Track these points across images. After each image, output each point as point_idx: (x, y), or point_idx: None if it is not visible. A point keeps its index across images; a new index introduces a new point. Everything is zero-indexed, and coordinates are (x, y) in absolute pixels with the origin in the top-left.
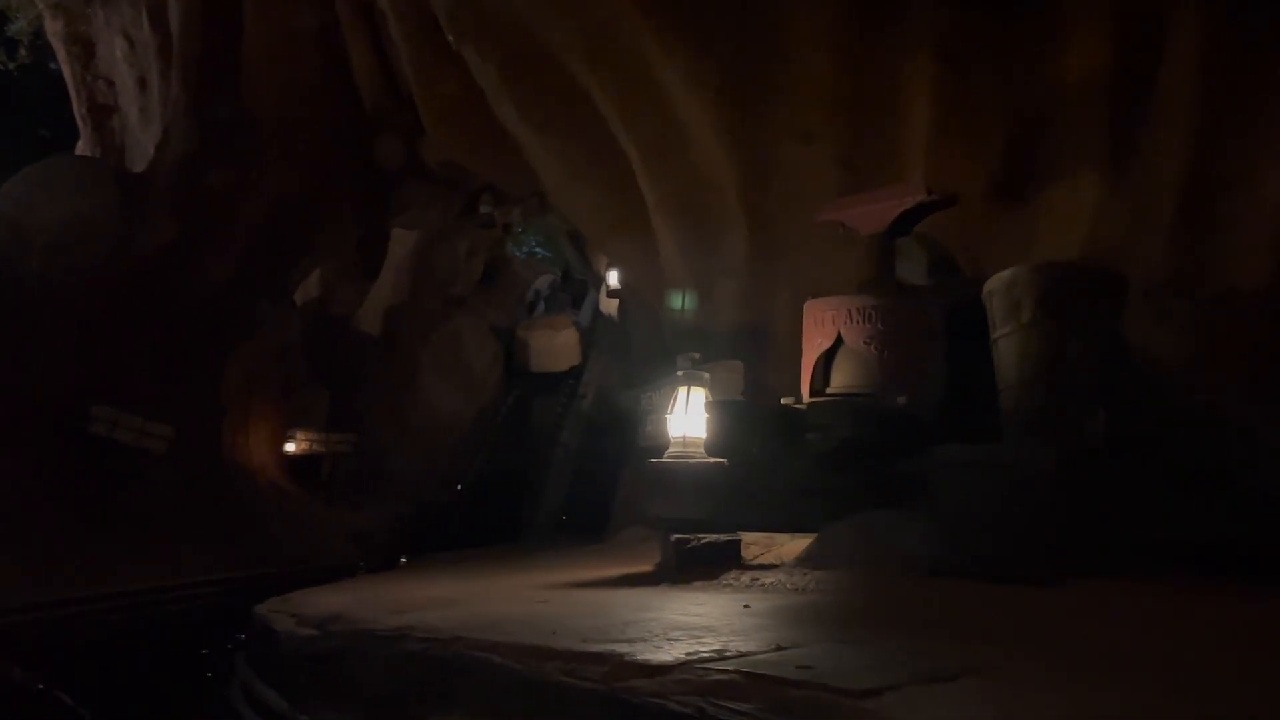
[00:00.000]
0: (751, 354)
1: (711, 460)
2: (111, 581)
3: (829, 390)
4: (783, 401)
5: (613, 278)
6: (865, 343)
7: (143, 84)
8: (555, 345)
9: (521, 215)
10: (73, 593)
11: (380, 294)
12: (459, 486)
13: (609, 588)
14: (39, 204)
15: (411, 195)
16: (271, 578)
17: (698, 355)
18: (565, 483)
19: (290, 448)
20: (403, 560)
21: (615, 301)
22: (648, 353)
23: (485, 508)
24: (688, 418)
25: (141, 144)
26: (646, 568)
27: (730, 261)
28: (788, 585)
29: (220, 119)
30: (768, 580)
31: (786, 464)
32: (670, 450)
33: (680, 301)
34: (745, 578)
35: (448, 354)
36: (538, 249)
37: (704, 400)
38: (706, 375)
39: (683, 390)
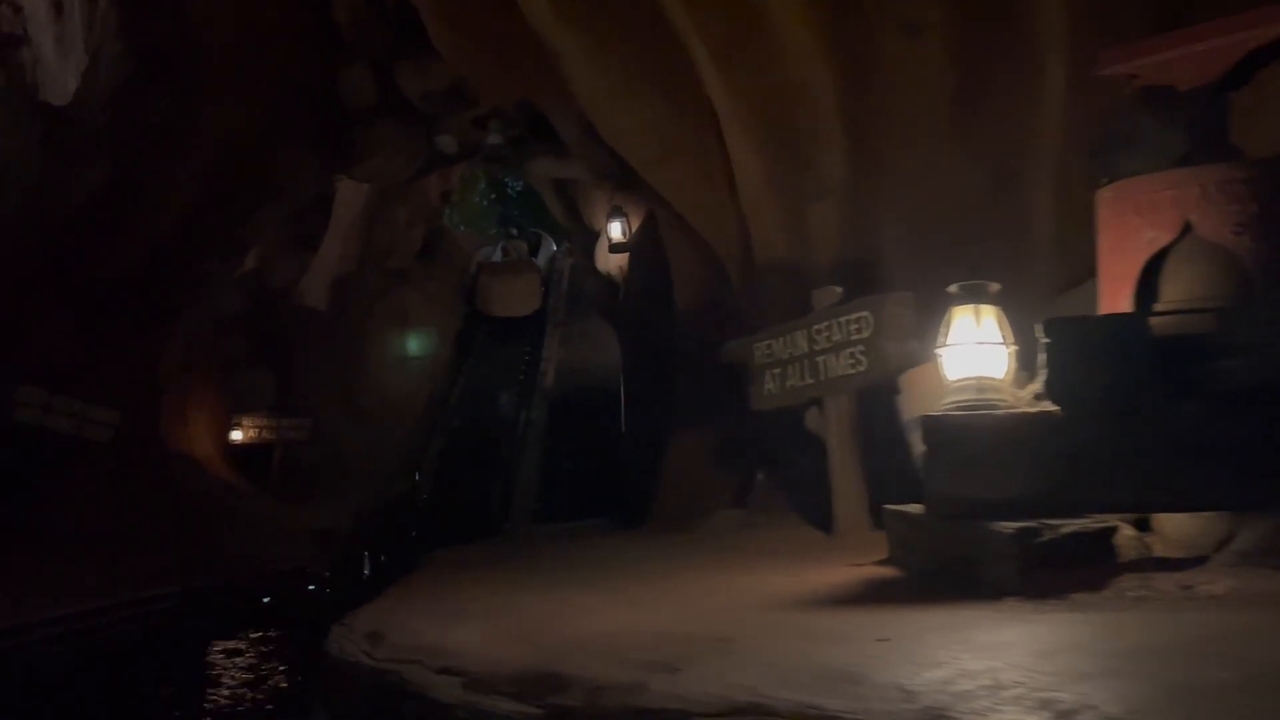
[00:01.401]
0: (856, 295)
1: (1034, 410)
2: (34, 605)
3: (1158, 308)
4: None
5: (615, 229)
6: (1234, 231)
7: (58, 7)
8: (517, 289)
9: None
10: None
11: (325, 263)
12: (416, 475)
13: (904, 608)
14: None
15: (380, 137)
16: (232, 589)
17: (839, 290)
18: (537, 465)
19: (237, 435)
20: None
21: (619, 258)
22: (712, 300)
23: (450, 497)
24: (979, 349)
25: (59, 78)
26: (884, 570)
27: (826, 183)
28: (1244, 596)
29: (159, 43)
30: (1204, 587)
31: (1164, 410)
32: (955, 399)
33: None
34: (1155, 584)
35: (394, 330)
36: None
37: (996, 323)
38: (996, 287)
39: (965, 312)
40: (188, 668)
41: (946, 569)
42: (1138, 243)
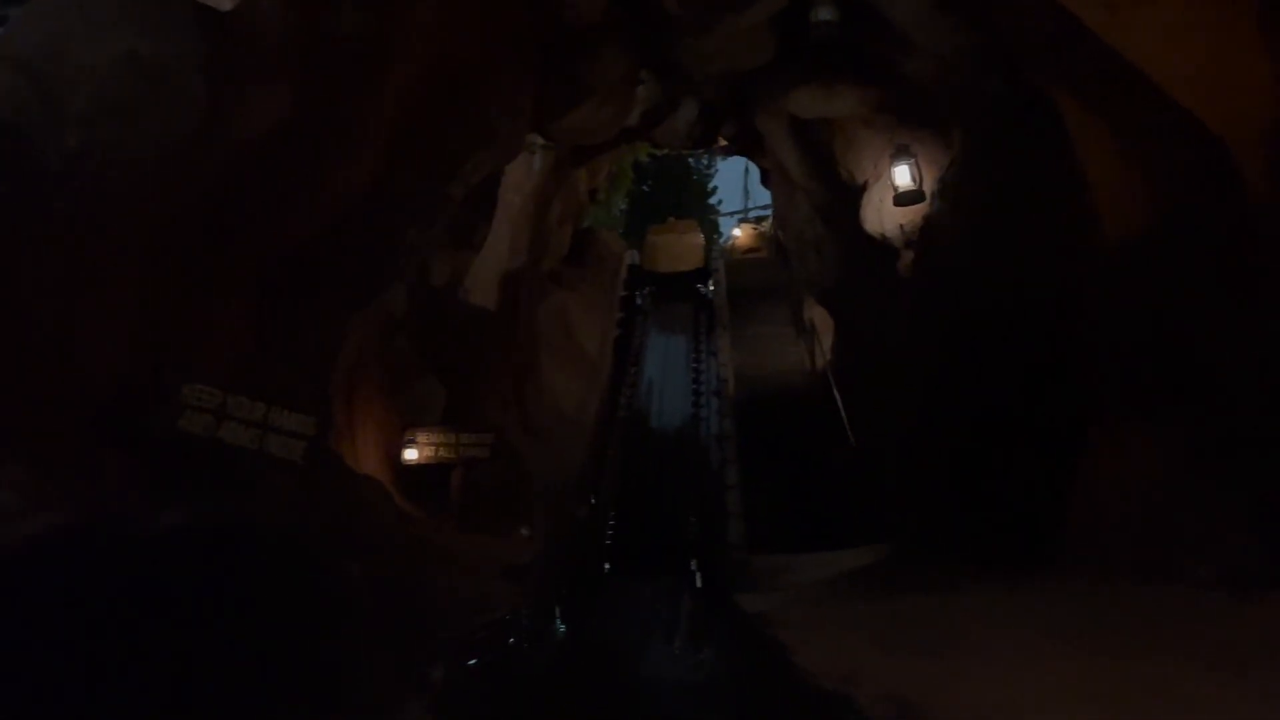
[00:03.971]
0: None
1: None
2: None
3: None
4: None
5: (902, 175)
6: None
7: None
8: (684, 244)
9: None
10: None
11: (493, 257)
12: (592, 499)
13: None
14: (75, 43)
15: (602, 69)
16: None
17: None
18: (737, 485)
19: (411, 454)
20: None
21: (903, 213)
22: (1184, 222)
23: (638, 524)
24: None
25: None
26: None
27: None
28: None
29: None
30: None
31: None
32: None
33: None
34: None
35: (559, 334)
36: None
37: None
38: None
39: None
40: None
41: None
42: None
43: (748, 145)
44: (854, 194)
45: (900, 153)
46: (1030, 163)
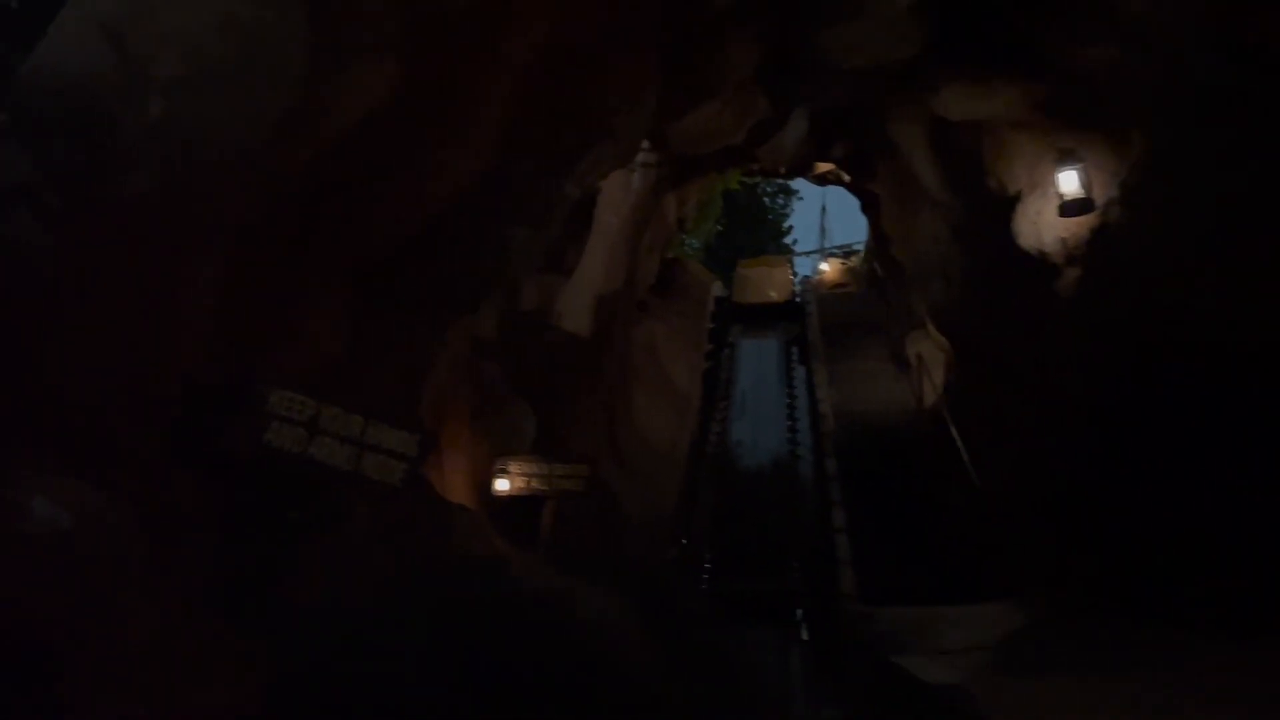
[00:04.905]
0: None
1: None
2: None
3: None
4: None
5: (1069, 181)
6: None
7: None
8: (773, 277)
9: None
10: None
11: (586, 280)
12: (683, 540)
13: None
14: (166, 3)
15: (730, 66)
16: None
17: None
18: (844, 528)
19: (502, 485)
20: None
21: (1068, 225)
22: None
23: (736, 570)
24: None
25: None
26: None
27: None
28: None
29: None
30: None
31: None
32: None
33: None
34: None
35: (648, 365)
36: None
37: None
38: None
39: None
40: None
41: None
42: None
43: (856, 168)
44: (1001, 206)
45: (1066, 157)
46: (1261, 159)
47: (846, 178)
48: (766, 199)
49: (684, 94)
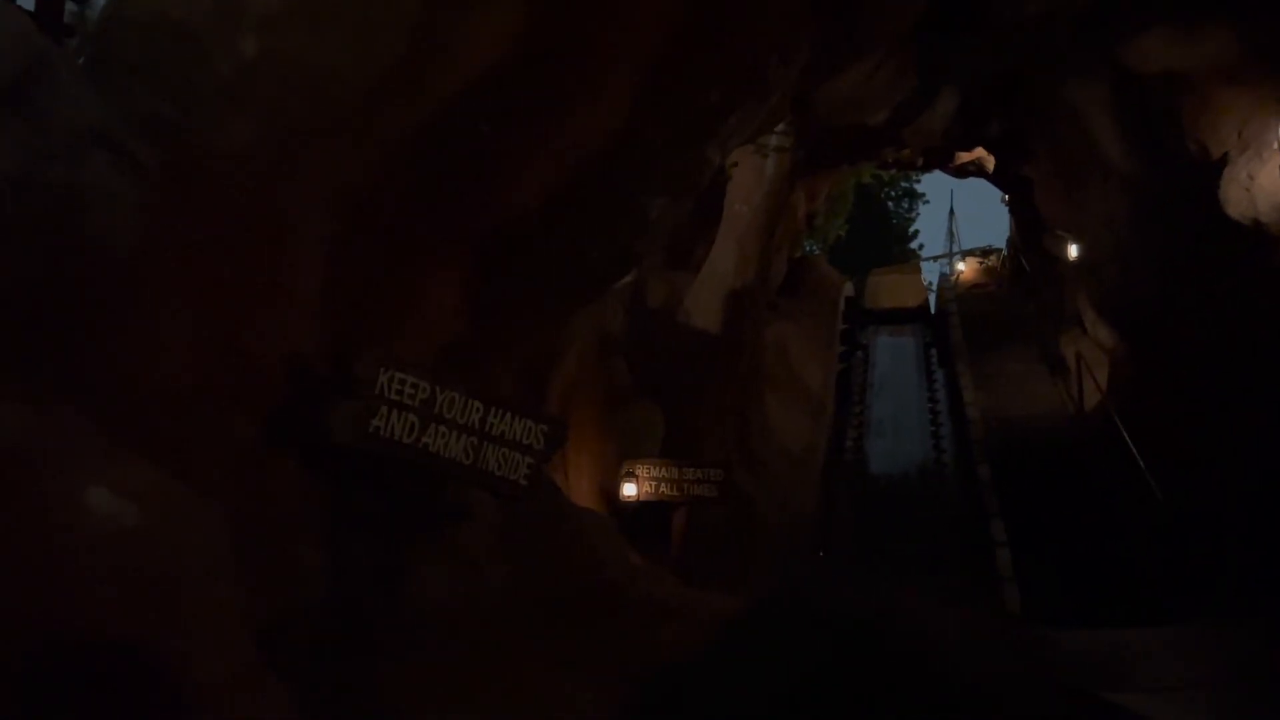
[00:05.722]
0: None
1: None
2: None
3: None
4: None
5: None
6: None
7: None
8: (904, 284)
9: None
10: None
11: (716, 273)
12: (821, 553)
13: None
14: None
15: (887, 20)
16: None
17: None
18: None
19: (630, 490)
20: None
21: None
22: None
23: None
24: None
25: None
26: None
27: None
28: None
29: None
30: None
31: None
32: None
33: None
34: None
35: (779, 367)
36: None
37: None
38: None
39: None
40: None
41: None
42: None
43: (1007, 151)
44: (1201, 174)
45: None
46: None
47: (990, 167)
48: (890, 203)
49: (832, 53)
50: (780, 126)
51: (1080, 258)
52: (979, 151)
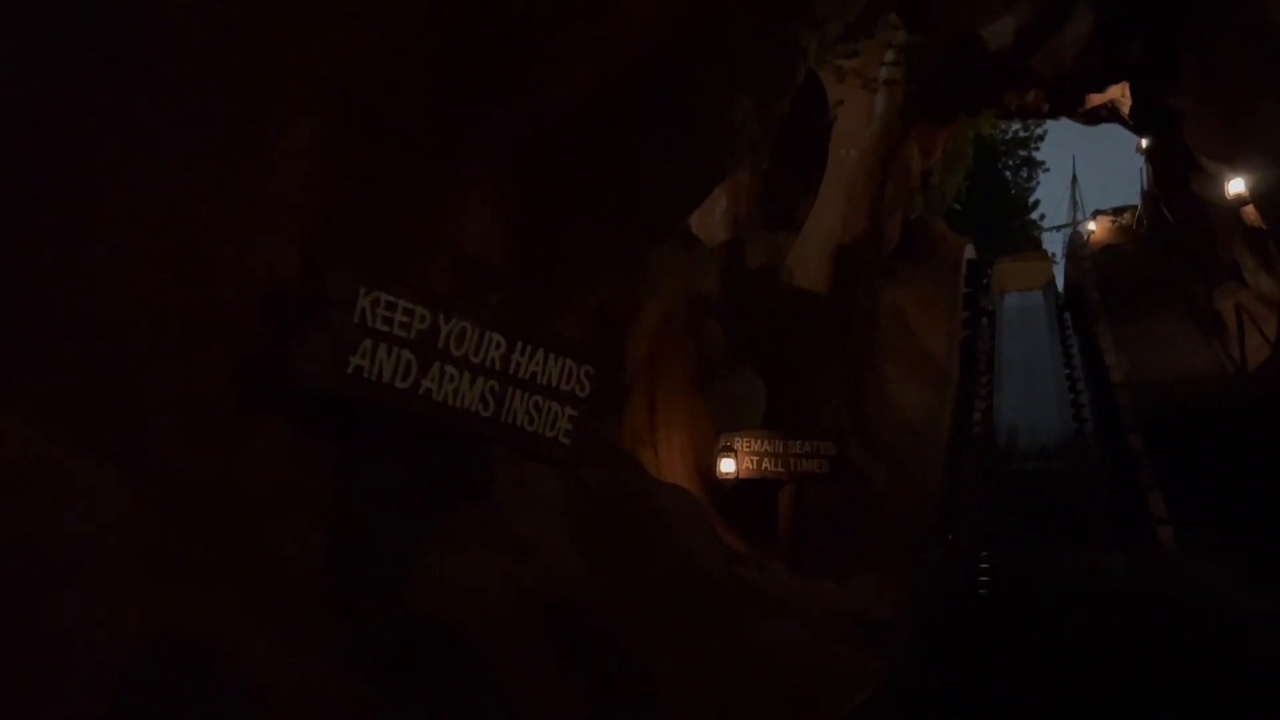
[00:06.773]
0: None
1: None
2: None
3: None
4: None
5: None
6: None
7: None
8: (1031, 269)
9: None
10: None
11: (822, 228)
12: (950, 536)
13: None
14: None
15: None
16: None
17: None
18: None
19: (728, 466)
20: None
21: None
22: None
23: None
24: None
25: None
26: None
27: None
28: None
29: None
30: None
31: None
32: None
33: None
34: None
35: (897, 334)
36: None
37: None
38: None
39: None
40: None
41: None
42: None
43: (1150, 81)
44: None
45: None
46: None
47: (1126, 109)
48: (1009, 173)
49: None
50: (889, 56)
51: (1242, 194)
52: (1113, 92)
